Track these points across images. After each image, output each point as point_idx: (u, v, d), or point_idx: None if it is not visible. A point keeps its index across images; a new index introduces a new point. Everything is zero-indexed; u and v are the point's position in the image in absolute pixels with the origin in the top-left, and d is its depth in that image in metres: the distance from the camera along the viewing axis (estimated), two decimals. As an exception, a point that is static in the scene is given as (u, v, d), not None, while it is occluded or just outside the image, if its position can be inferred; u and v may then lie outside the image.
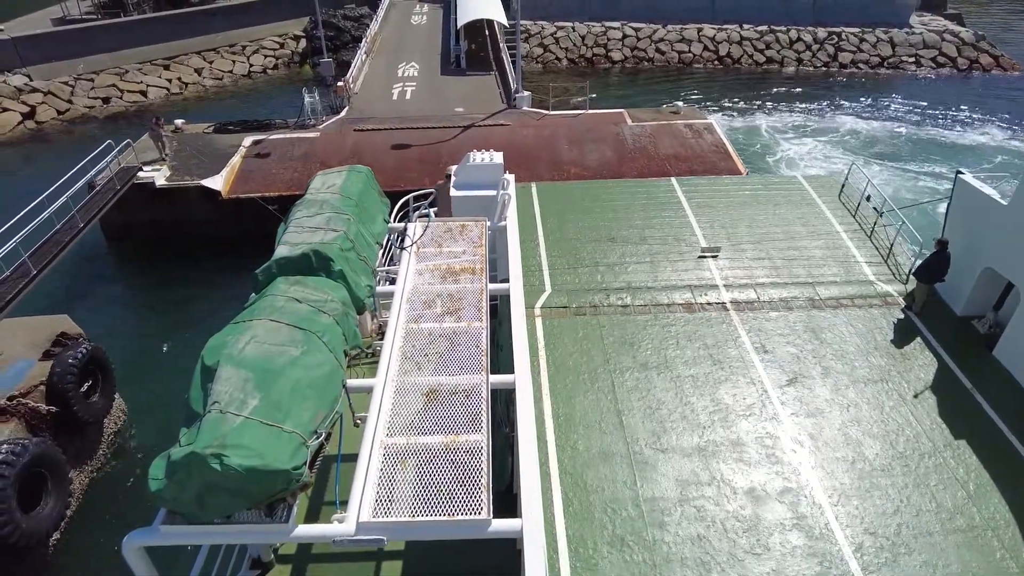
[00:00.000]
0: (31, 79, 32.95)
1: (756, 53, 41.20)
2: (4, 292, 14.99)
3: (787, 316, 12.10)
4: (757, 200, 15.83)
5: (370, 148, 23.02)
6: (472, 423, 6.12)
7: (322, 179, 9.37)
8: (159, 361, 16.80)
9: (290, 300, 6.70)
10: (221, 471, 4.88)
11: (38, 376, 12.47)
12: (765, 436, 9.66)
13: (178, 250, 21.33)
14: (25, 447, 10.71)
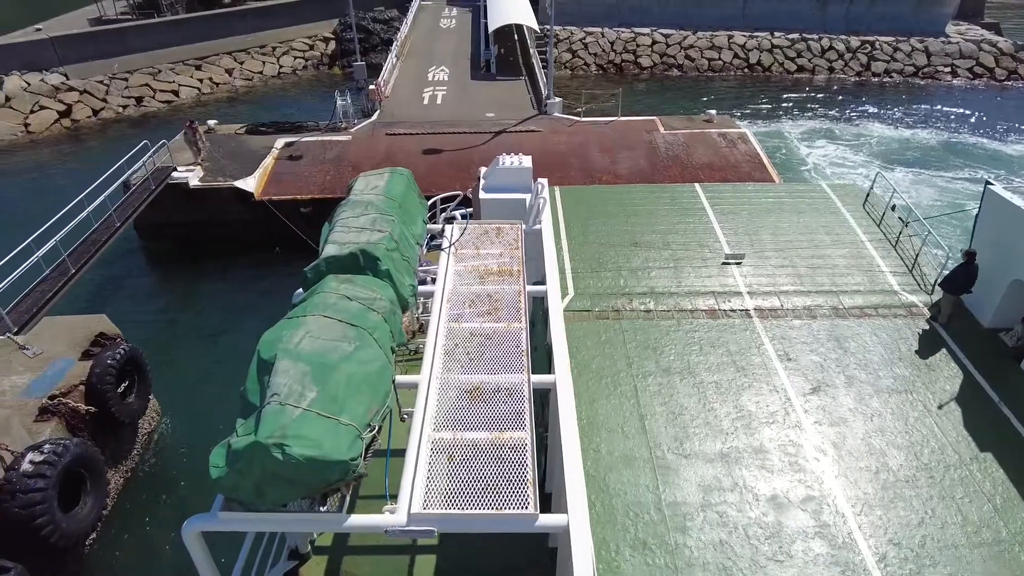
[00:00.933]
0: (68, 78, 33.44)
1: (787, 61, 40.71)
2: (45, 290, 15.17)
3: (811, 324, 12.07)
4: (781, 207, 15.76)
5: (402, 152, 23.01)
6: (516, 421, 6.31)
7: (365, 180, 9.60)
8: (191, 361, 16.88)
9: (341, 297, 6.88)
10: (282, 460, 5.06)
11: (78, 376, 12.54)
12: (788, 444, 9.66)
13: (210, 250, 21.47)
14: (67, 447, 10.75)
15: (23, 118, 31.09)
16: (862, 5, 42.73)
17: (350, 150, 23.21)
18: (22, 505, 9.92)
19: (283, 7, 41.86)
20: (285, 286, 19.69)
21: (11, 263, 14.30)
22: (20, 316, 14.30)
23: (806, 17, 42.76)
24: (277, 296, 19.76)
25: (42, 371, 12.62)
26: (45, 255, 15.07)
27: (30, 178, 26.91)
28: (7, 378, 12.42)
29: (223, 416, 15.20)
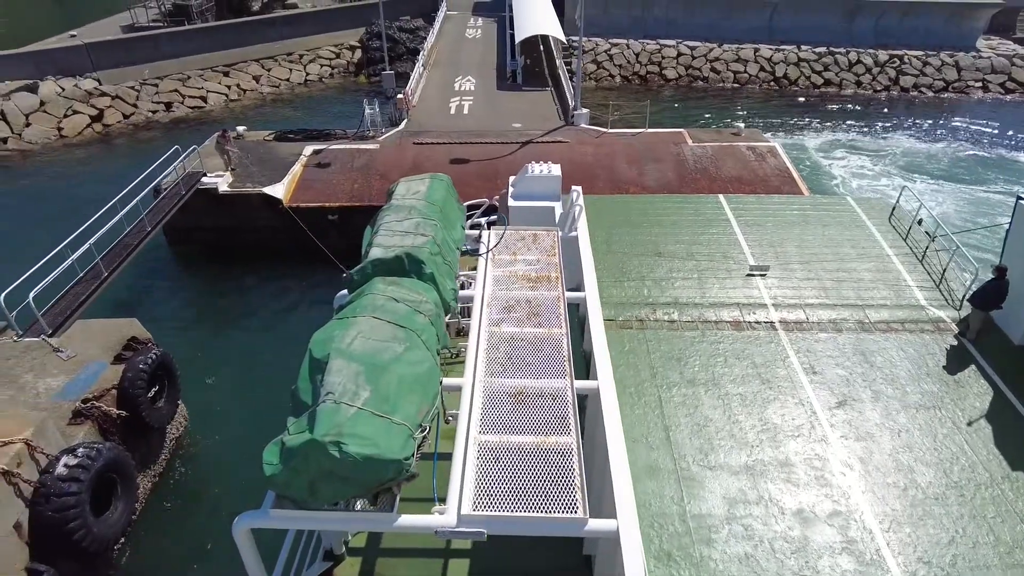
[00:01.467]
0: (100, 83, 34.00)
1: (814, 75, 40.37)
2: (78, 293, 15.33)
3: (836, 338, 11.95)
4: (806, 220, 15.67)
5: (430, 161, 23.05)
6: (561, 425, 6.38)
7: (406, 185, 9.76)
8: (217, 366, 16.93)
9: (389, 299, 6.98)
10: (339, 458, 5.12)
11: (110, 379, 12.60)
12: (814, 458, 9.56)
13: (237, 255, 21.61)
14: (99, 451, 10.78)
15: (57, 122, 31.64)
16: (892, 19, 42.34)
17: (378, 159, 23.30)
18: (56, 508, 9.95)
19: (310, 15, 42.35)
20: (311, 292, 19.89)
21: (46, 266, 14.45)
22: (54, 318, 14.45)
23: (834, 30, 42.43)
24: (302, 302, 19.96)
25: (75, 374, 12.70)
26: (78, 258, 15.23)
27: (63, 181, 27.32)
28: (42, 380, 12.51)
29: (249, 420, 15.30)
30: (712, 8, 43.02)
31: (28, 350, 13.30)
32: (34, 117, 31.19)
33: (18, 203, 25.35)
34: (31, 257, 20.55)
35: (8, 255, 21.19)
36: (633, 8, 42.82)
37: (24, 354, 13.18)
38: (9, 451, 9.87)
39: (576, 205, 11.64)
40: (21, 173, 28.06)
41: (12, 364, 12.88)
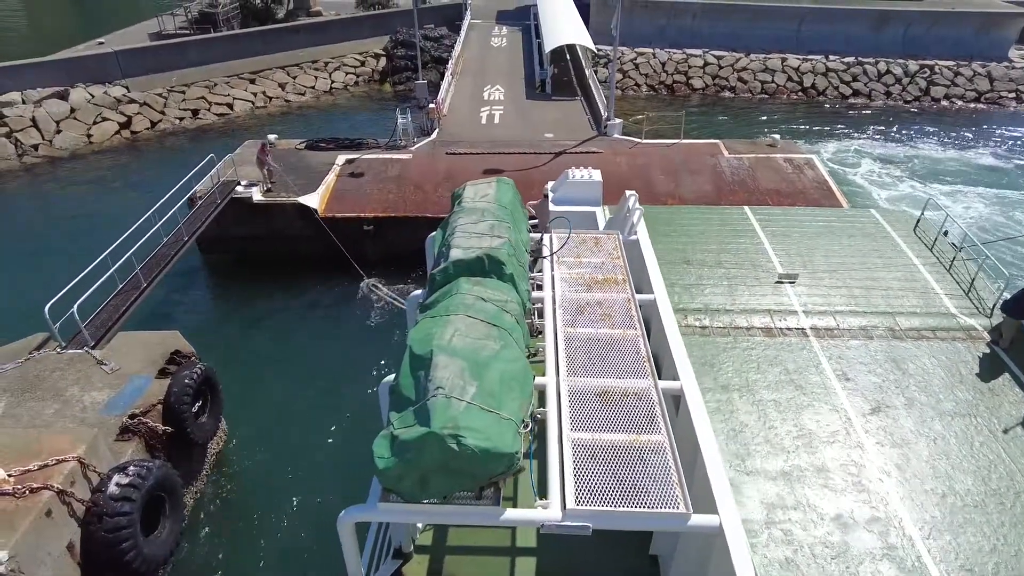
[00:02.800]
0: (129, 90, 34.11)
1: (842, 85, 39.92)
2: (119, 304, 15.18)
3: (867, 345, 11.97)
4: (831, 231, 15.79)
5: (463, 172, 22.81)
6: (650, 424, 6.52)
7: (474, 189, 9.89)
8: (253, 378, 16.72)
9: (478, 299, 7.13)
10: (457, 451, 5.20)
11: (155, 394, 12.41)
12: (850, 464, 9.52)
13: (270, 265, 21.45)
14: (149, 469, 10.56)
15: (86, 129, 31.73)
16: (920, 28, 41.85)
17: (411, 168, 23.12)
18: (108, 529, 9.73)
19: (335, 23, 42.40)
20: (344, 302, 19.67)
21: (85, 276, 14.29)
22: (96, 330, 14.30)
23: (861, 40, 41.99)
24: (336, 312, 19.73)
25: (120, 388, 12.51)
26: (115, 268, 15.07)
27: (93, 188, 27.37)
28: (87, 393, 12.34)
29: (287, 433, 15.08)
30: (738, 17, 42.74)
31: (72, 362, 13.14)
32: (64, 124, 31.30)
33: (50, 210, 25.39)
34: (65, 265, 20.53)
35: (42, 263, 21.16)
36: (658, 17, 42.58)
37: (68, 366, 13.03)
38: (63, 469, 9.66)
39: (636, 210, 11.77)
40: (52, 180, 28.13)
41: (57, 377, 12.73)
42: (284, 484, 13.96)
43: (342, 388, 16.55)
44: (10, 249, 22.45)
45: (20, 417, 11.75)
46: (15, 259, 21.75)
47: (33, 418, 11.72)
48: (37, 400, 12.15)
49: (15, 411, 11.90)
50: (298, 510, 13.41)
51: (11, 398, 12.19)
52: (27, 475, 9.54)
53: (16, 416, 11.77)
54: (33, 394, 12.31)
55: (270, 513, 13.33)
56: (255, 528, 12.91)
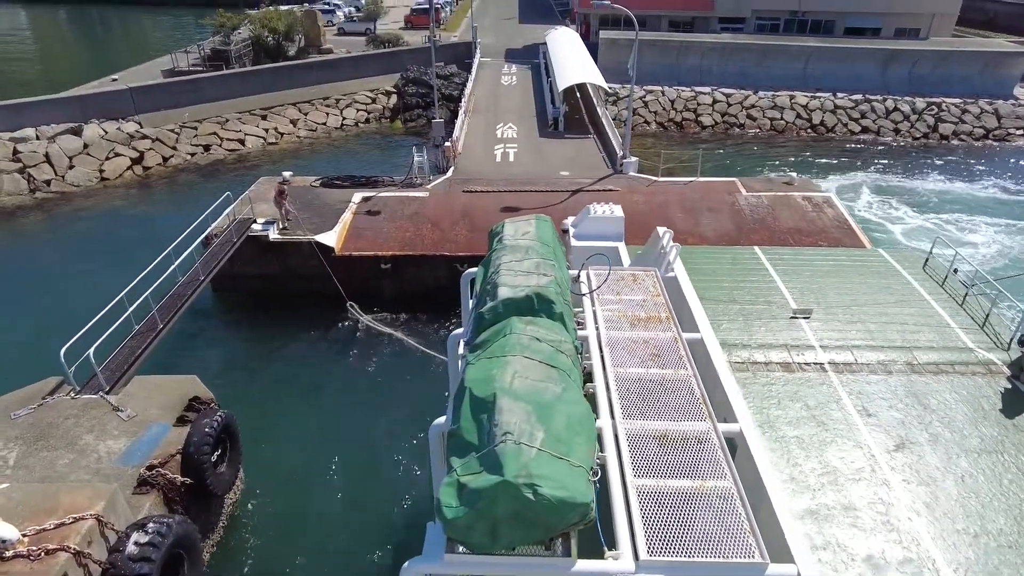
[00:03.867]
0: (142, 126, 34.22)
1: (851, 122, 40.15)
2: (134, 346, 14.78)
3: (887, 380, 11.74)
4: (841, 269, 15.78)
5: (480, 210, 22.67)
6: (715, 469, 6.28)
7: (513, 226, 9.66)
8: (269, 423, 16.21)
9: (532, 339, 6.87)
10: (533, 500, 4.96)
11: (173, 443, 11.94)
12: (877, 502, 9.19)
13: (283, 304, 21.10)
14: (169, 527, 10.04)
15: (99, 164, 31.72)
16: (926, 67, 42.32)
17: (428, 206, 22.95)
18: (126, 593, 9.18)
19: (347, 61, 42.85)
20: (361, 342, 19.25)
21: (99, 316, 13.88)
22: (111, 374, 13.86)
23: (868, 78, 42.46)
24: (353, 353, 19.29)
25: (137, 436, 12.06)
26: (128, 309, 14.69)
27: (105, 224, 27.18)
28: (103, 442, 11.88)
29: (304, 483, 14.52)
30: (746, 56, 43.28)
31: (87, 408, 12.72)
32: (77, 160, 31.30)
33: (62, 247, 25.13)
34: (78, 305, 20.20)
35: (54, 302, 20.82)
36: (667, 56, 43.08)
37: (83, 412, 12.60)
38: (80, 528, 9.16)
39: (673, 246, 11.66)
40: (64, 216, 27.97)
41: (71, 424, 12.29)
42: (303, 536, 13.40)
43: (360, 432, 16.07)
44: (23, 287, 22.13)
45: (33, 468, 11.28)
46: (27, 298, 21.41)
47: (46, 469, 11.26)
48: (50, 449, 11.69)
49: (27, 461, 11.44)
50: (318, 564, 12.83)
51: (24, 447, 11.73)
52: (43, 535, 9.04)
53: (29, 467, 11.30)
54: (46, 442, 11.86)
55: (289, 568, 12.75)
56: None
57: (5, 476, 11.06)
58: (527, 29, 60.55)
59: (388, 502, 14.22)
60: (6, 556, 8.68)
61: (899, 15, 48.42)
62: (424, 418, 16.41)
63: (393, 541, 13.35)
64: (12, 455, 11.55)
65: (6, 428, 12.13)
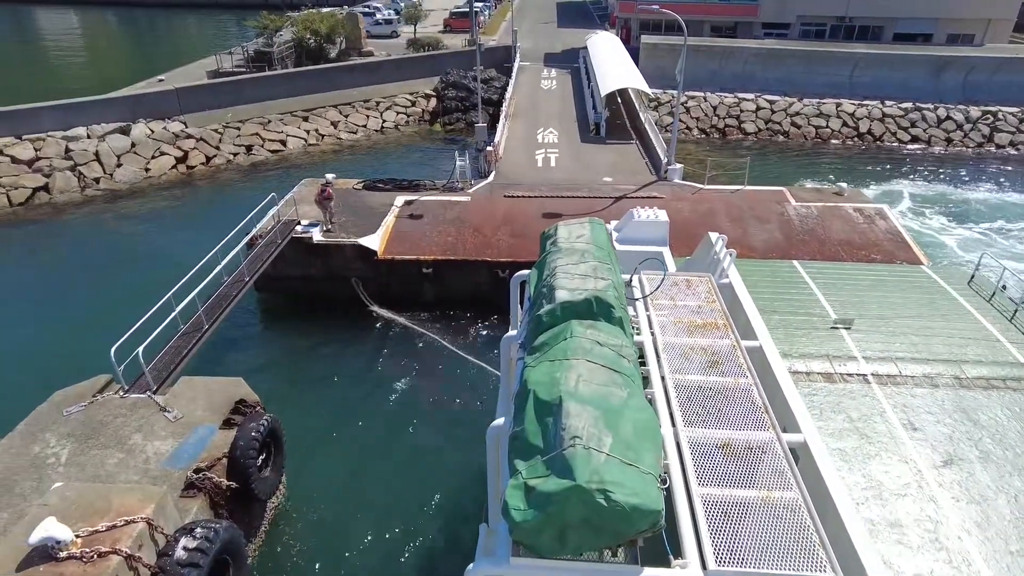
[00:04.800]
0: (186, 126, 34.80)
1: (900, 131, 38.97)
2: (181, 346, 14.86)
3: (933, 393, 11.32)
4: (883, 283, 15.39)
5: (522, 215, 22.43)
6: (780, 480, 6.14)
7: (567, 229, 9.56)
8: (310, 425, 16.13)
9: (594, 343, 6.78)
10: (606, 507, 4.92)
11: (220, 446, 11.90)
12: (925, 519, 8.84)
13: (324, 306, 21.13)
14: (217, 532, 9.97)
15: (145, 163, 32.32)
16: (982, 75, 40.90)
17: (470, 211, 22.78)
18: (175, 599, 9.11)
19: (388, 63, 43.07)
20: (402, 345, 19.14)
21: (146, 316, 13.95)
22: (159, 374, 13.93)
23: (919, 86, 41.17)
24: (394, 356, 19.18)
25: (184, 438, 12.05)
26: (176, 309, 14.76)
27: (151, 222, 27.63)
28: (150, 443, 11.90)
29: (346, 487, 14.40)
30: (791, 62, 42.39)
31: (135, 408, 12.77)
32: (125, 158, 31.94)
33: (110, 245, 25.59)
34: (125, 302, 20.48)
35: (103, 300, 21.15)
36: (710, 61, 42.41)
37: (131, 412, 12.65)
38: (131, 531, 9.11)
39: (727, 252, 11.47)
40: (112, 213, 28.51)
41: (120, 423, 12.34)
42: (346, 541, 13.28)
43: (401, 435, 15.93)
44: (73, 283, 22.54)
45: (84, 466, 11.34)
46: (76, 294, 21.80)
47: (97, 468, 11.30)
48: (101, 448, 11.74)
49: (79, 459, 11.50)
50: (362, 570, 12.69)
51: (75, 444, 11.81)
52: (95, 536, 9.02)
53: (80, 464, 11.37)
54: (97, 440, 11.92)
55: (329, 571, 12.63)
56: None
57: (58, 473, 11.15)
58: (565, 33, 60.26)
59: (432, 505, 14.07)
60: (60, 557, 8.67)
61: (953, 20, 46.99)
62: (464, 421, 16.33)
63: (439, 544, 13.21)
64: (64, 452, 11.64)
65: (59, 425, 12.25)
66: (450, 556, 12.80)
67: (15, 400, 14.29)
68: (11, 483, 11.01)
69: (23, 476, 11.14)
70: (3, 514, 10.41)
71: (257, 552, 12.79)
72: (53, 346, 18.91)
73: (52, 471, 11.23)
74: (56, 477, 11.08)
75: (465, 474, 14.52)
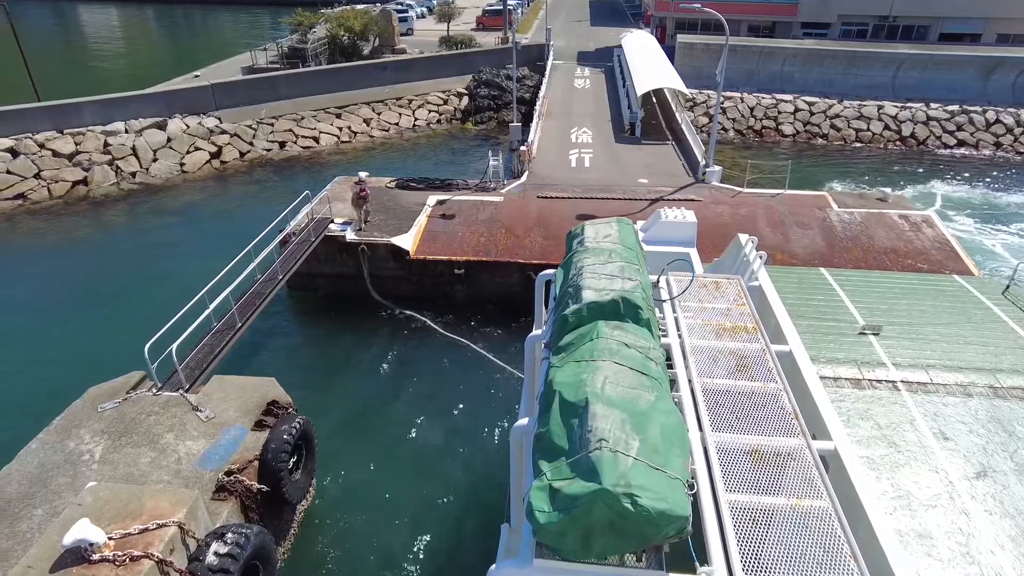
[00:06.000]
0: (221, 121, 35.09)
1: (945, 135, 37.69)
2: (213, 344, 14.82)
3: (966, 403, 10.80)
4: (914, 291, 14.78)
5: (555, 216, 22.07)
6: (810, 487, 6.03)
7: (594, 229, 9.48)
8: (339, 426, 15.99)
9: (621, 344, 6.71)
10: (633, 511, 4.87)
11: (251, 448, 11.77)
12: (956, 531, 8.37)
13: (355, 304, 21.02)
14: (248, 537, 9.82)
15: (180, 158, 32.65)
16: (1035, 76, 39.37)
17: (503, 211, 22.48)
18: (205, 605, 8.97)
19: (420, 61, 42.98)
20: (435, 346, 18.94)
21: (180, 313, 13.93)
22: (191, 372, 13.91)
23: (966, 88, 39.83)
24: (427, 358, 18.98)
25: (215, 439, 11.96)
26: (209, 307, 14.72)
27: (186, 217, 27.87)
28: (182, 443, 11.83)
29: (374, 490, 14.22)
30: (832, 63, 41.32)
31: (167, 406, 12.73)
32: (161, 153, 32.30)
33: (146, 239, 25.84)
34: (158, 296, 20.62)
35: (137, 294, 21.32)
36: (747, 61, 41.53)
37: (164, 410, 12.61)
38: (163, 535, 8.99)
39: (757, 255, 11.38)
40: (148, 208, 28.81)
41: (153, 421, 12.31)
42: (372, 545, 13.10)
43: (431, 438, 15.72)
44: (108, 278, 22.77)
45: (117, 464, 11.31)
46: (111, 289, 22.01)
47: (129, 466, 11.26)
48: (133, 446, 11.71)
49: (112, 456, 11.48)
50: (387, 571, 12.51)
51: (109, 442, 11.80)
52: (127, 539, 8.91)
53: (113, 463, 11.34)
54: (129, 438, 11.90)
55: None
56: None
57: (92, 471, 11.13)
58: (598, 32, 59.65)
59: (463, 507, 13.91)
60: (92, 559, 8.57)
61: (1005, 20, 45.35)
62: (495, 423, 16.06)
63: (464, 545, 13.04)
64: (98, 449, 11.63)
65: (93, 421, 12.26)
66: (473, 556, 12.58)
67: (50, 394, 14.40)
68: (47, 478, 11.03)
69: (58, 472, 11.15)
70: (38, 510, 10.43)
71: (285, 556, 12.66)
72: (88, 340, 19.09)
73: (86, 468, 11.22)
74: (90, 474, 11.07)
75: (497, 473, 14.29)
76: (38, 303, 21.21)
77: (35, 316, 20.45)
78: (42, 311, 20.75)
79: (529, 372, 9.82)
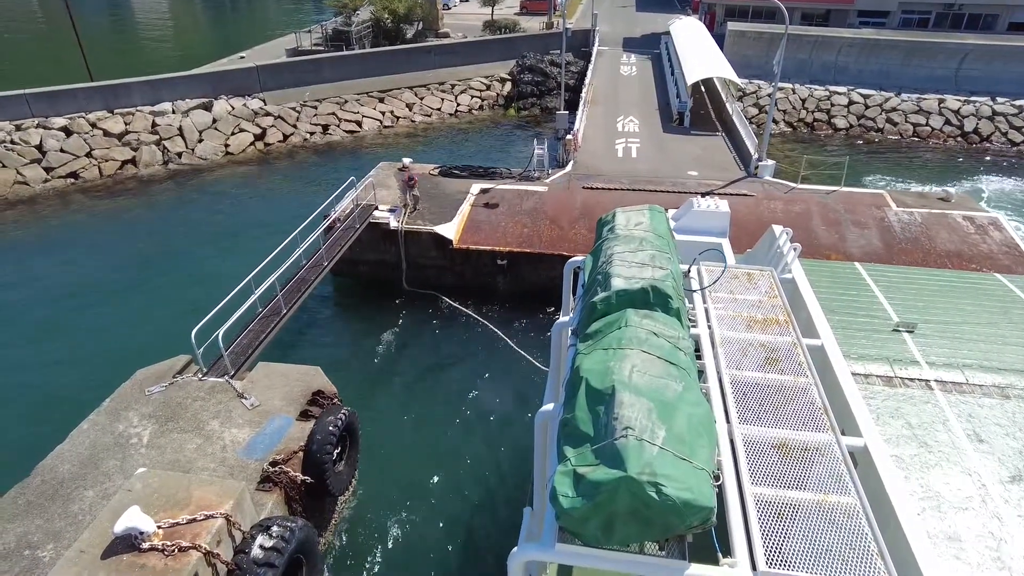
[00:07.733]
0: (265, 103, 35.24)
1: (1011, 131, 35.88)
2: (259, 330, 14.81)
3: (1004, 404, 10.45)
4: (952, 290, 14.23)
5: (600, 207, 21.53)
6: (837, 483, 5.96)
7: (625, 216, 9.34)
8: (376, 416, 15.88)
9: (650, 333, 6.61)
10: (657, 500, 4.85)
11: (296, 439, 11.71)
12: (987, 535, 8.17)
13: (397, 292, 20.90)
14: (292, 531, 9.74)
15: (224, 139, 32.91)
16: (1111, 71, 37.20)
17: (547, 201, 22.06)
18: (250, 598, 8.91)
19: (463, 46, 42.54)
20: (478, 337, 18.73)
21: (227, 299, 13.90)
22: (237, 357, 13.92)
23: (1035, 82, 37.80)
24: (468, 348, 18.79)
25: (260, 427, 11.92)
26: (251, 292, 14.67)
27: (231, 198, 28.08)
28: (227, 430, 11.82)
29: (413, 480, 14.11)
30: (890, 54, 39.61)
31: (213, 392, 12.75)
32: (206, 134, 32.59)
33: (191, 219, 26.10)
34: (203, 278, 20.79)
35: (182, 276, 21.54)
36: (800, 51, 40.05)
37: (209, 396, 12.63)
38: (211, 527, 8.94)
39: (792, 247, 11.12)
40: (194, 189, 29.13)
41: (199, 407, 12.33)
42: (417, 539, 13.00)
43: (470, 429, 15.55)
44: (154, 260, 23.06)
45: (164, 449, 11.35)
46: (157, 270, 22.28)
47: (176, 452, 11.29)
48: (180, 432, 11.75)
49: (159, 441, 11.53)
50: (433, 568, 12.40)
51: (156, 426, 11.86)
52: (175, 529, 8.89)
53: (160, 447, 11.38)
54: (176, 424, 11.94)
55: (395, 569, 12.37)
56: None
57: (140, 455, 11.19)
58: (644, 18, 58.38)
59: (507, 497, 13.80)
60: (142, 548, 8.57)
61: (1080, 11, 42.96)
62: (525, 414, 15.85)
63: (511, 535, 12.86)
64: (146, 433, 11.69)
65: (141, 404, 12.34)
66: (506, 540, 12.42)
67: (99, 374, 14.56)
68: (98, 460, 11.14)
69: (108, 454, 11.24)
70: (89, 492, 10.52)
71: (326, 547, 12.62)
72: (135, 322, 19.33)
73: (135, 451, 11.29)
74: (138, 458, 11.13)
75: (523, 466, 14.11)
76: (89, 282, 21.57)
77: (86, 296, 20.79)
78: (90, 290, 21.10)
79: (556, 358, 9.73)
